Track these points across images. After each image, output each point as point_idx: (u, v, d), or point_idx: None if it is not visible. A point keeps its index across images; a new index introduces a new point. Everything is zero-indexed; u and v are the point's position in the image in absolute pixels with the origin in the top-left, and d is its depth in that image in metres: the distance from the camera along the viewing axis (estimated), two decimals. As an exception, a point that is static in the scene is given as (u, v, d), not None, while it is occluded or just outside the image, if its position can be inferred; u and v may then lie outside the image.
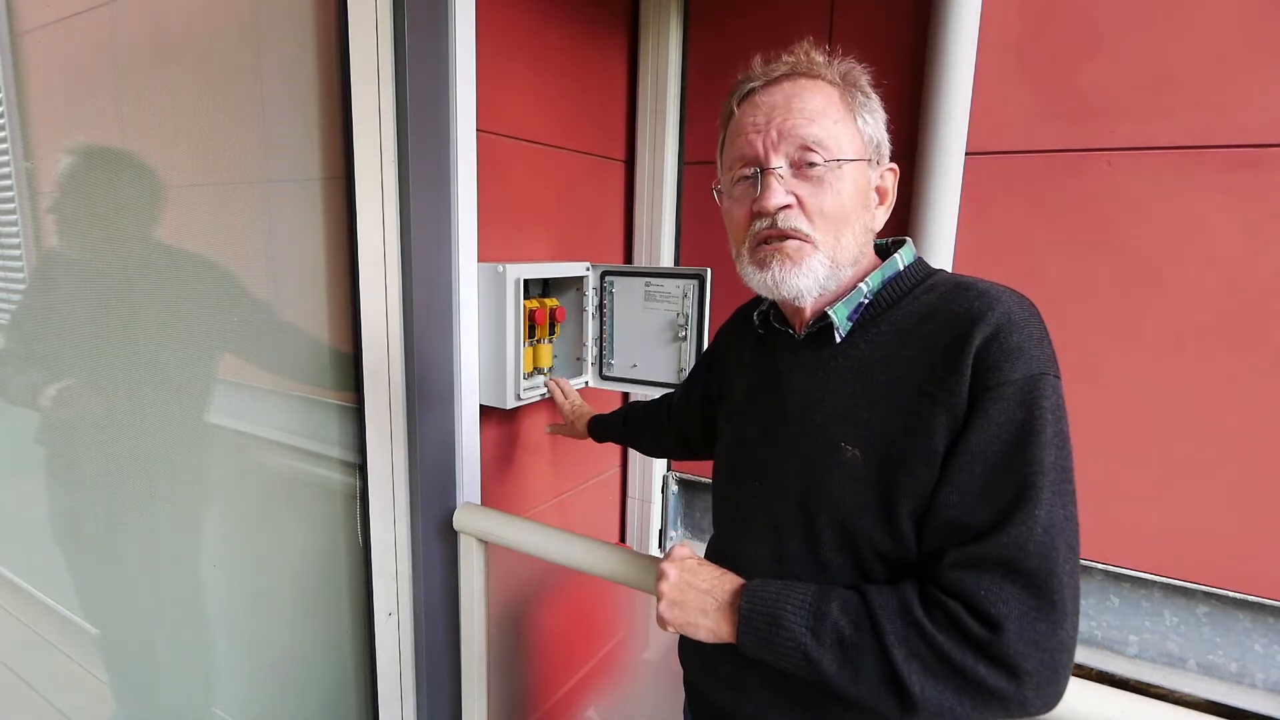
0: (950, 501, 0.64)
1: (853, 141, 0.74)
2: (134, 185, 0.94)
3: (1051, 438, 0.62)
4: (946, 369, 0.66)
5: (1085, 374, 1.44)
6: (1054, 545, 0.59)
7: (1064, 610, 0.59)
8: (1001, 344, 0.64)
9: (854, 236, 0.74)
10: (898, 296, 0.74)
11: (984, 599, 0.59)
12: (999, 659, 0.59)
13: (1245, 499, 1.34)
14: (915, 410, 0.67)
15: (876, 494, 0.68)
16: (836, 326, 0.75)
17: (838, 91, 0.74)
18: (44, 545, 0.94)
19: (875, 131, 0.76)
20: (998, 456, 0.62)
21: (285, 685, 1.26)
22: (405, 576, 1.35)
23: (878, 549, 0.69)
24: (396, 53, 1.17)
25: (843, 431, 0.71)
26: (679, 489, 2.07)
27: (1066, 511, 0.61)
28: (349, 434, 1.26)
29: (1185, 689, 1.41)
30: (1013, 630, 0.58)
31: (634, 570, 1.08)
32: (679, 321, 1.49)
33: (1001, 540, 0.60)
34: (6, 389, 0.88)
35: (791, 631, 0.67)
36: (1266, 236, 1.27)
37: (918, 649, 0.61)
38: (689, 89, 1.84)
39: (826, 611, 0.66)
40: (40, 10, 0.87)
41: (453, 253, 1.29)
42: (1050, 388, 0.64)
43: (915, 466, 0.66)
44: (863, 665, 0.63)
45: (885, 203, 0.79)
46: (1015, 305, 0.67)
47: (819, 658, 0.65)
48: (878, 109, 0.78)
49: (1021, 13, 1.41)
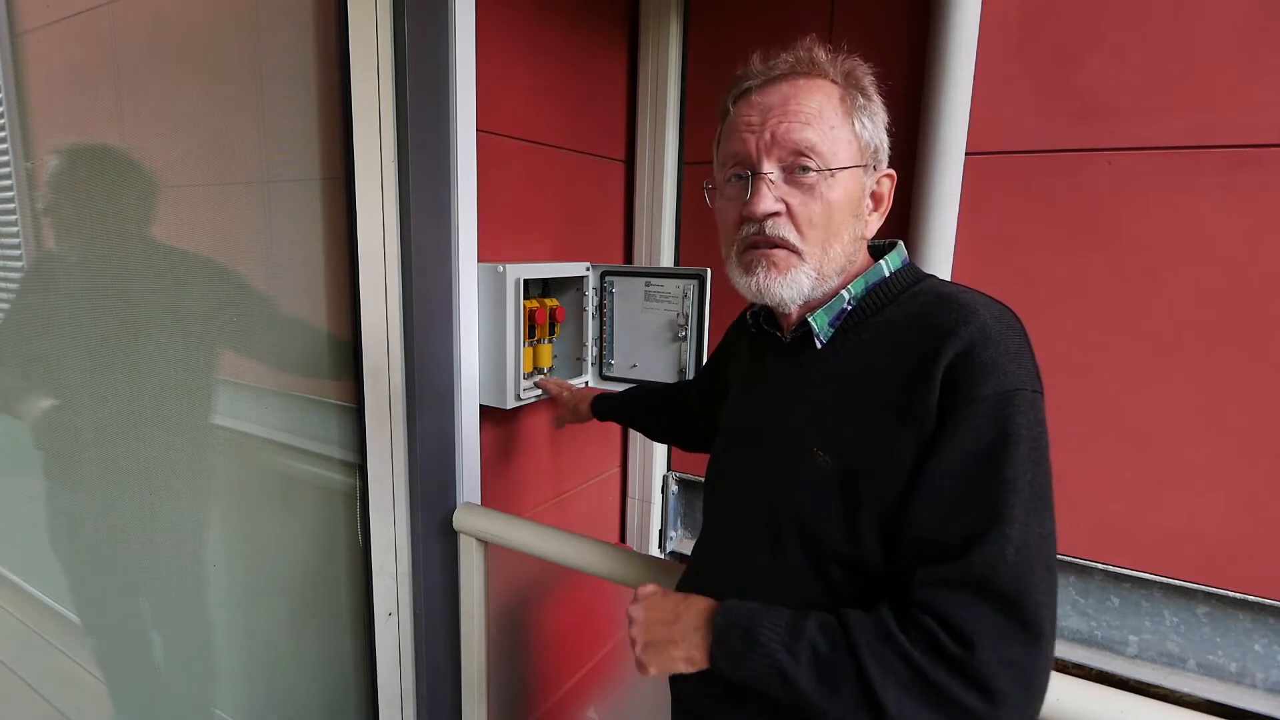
0: (921, 519, 0.63)
1: (849, 147, 0.72)
2: (133, 185, 0.94)
3: (1027, 455, 0.61)
4: (918, 381, 0.65)
5: (1085, 374, 1.44)
6: (1029, 565, 0.59)
7: (1038, 631, 0.58)
8: (974, 360, 0.63)
9: (842, 247, 0.73)
10: (881, 304, 0.74)
11: (959, 617, 0.59)
12: (973, 677, 0.57)
13: (1245, 499, 1.34)
14: (884, 420, 0.66)
15: (841, 500, 0.68)
16: (816, 333, 0.75)
17: (838, 92, 0.72)
18: (44, 545, 0.94)
19: (874, 136, 0.75)
20: (969, 474, 0.61)
21: (285, 685, 1.26)
22: (405, 577, 1.35)
23: (838, 553, 0.69)
24: (396, 53, 1.17)
25: (815, 436, 0.71)
26: (679, 489, 2.07)
27: (1043, 530, 0.60)
28: (349, 434, 1.26)
29: (1185, 689, 1.41)
30: (986, 648, 0.57)
31: (634, 570, 1.08)
32: (679, 321, 1.49)
33: (973, 560, 0.59)
34: (7, 390, 0.88)
35: (768, 648, 0.65)
36: (1266, 236, 1.27)
37: (894, 666, 0.60)
38: (689, 89, 1.84)
39: (803, 629, 0.65)
40: (40, 10, 0.87)
41: (453, 253, 1.29)
42: (1026, 403, 0.62)
43: (880, 475, 0.66)
44: (839, 683, 0.62)
45: (880, 209, 0.78)
46: (992, 319, 0.65)
47: (796, 675, 0.63)
48: (879, 112, 0.76)
49: (1021, 12, 1.41)
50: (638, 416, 1.32)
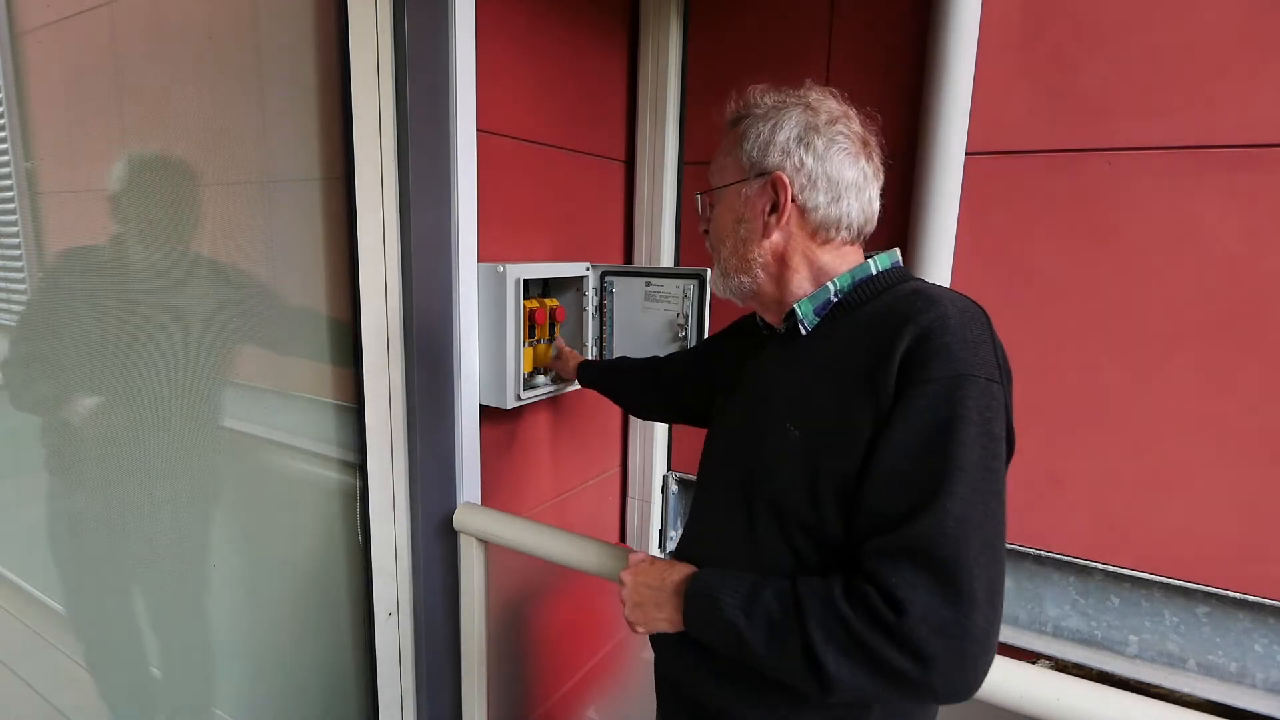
0: (871, 491, 0.68)
1: (735, 169, 0.84)
2: (133, 185, 0.94)
3: (975, 437, 0.64)
4: (879, 361, 0.70)
5: (1085, 374, 1.44)
6: (965, 537, 0.62)
7: (972, 600, 0.61)
8: (930, 343, 0.67)
9: (730, 250, 0.85)
10: (865, 298, 0.79)
11: (893, 584, 0.62)
12: (904, 641, 0.61)
13: (1245, 499, 1.34)
14: (847, 397, 0.72)
15: (805, 472, 0.73)
16: (801, 319, 0.81)
17: (738, 130, 0.83)
18: (44, 545, 0.94)
19: (757, 147, 0.80)
20: (916, 449, 0.66)
21: (285, 685, 1.26)
22: (405, 576, 1.35)
23: (803, 523, 0.74)
24: (396, 53, 1.17)
25: (789, 414, 0.77)
26: (679, 489, 2.07)
27: (986, 509, 0.64)
28: (349, 434, 1.26)
29: (1185, 689, 1.41)
30: (916, 615, 0.61)
31: (634, 570, 1.08)
32: (679, 321, 1.49)
33: (913, 529, 0.63)
34: (7, 390, 0.88)
35: (726, 611, 0.72)
36: (1266, 236, 1.27)
37: (834, 631, 0.65)
38: (689, 89, 1.84)
39: (759, 595, 0.71)
40: (40, 10, 0.87)
41: (453, 253, 1.29)
42: (977, 389, 0.66)
43: (838, 448, 0.71)
44: (787, 646, 0.67)
45: (780, 210, 0.79)
46: (954, 310, 0.70)
47: (751, 637, 0.70)
48: (777, 116, 0.80)
49: (1021, 13, 1.41)
50: (613, 388, 1.36)
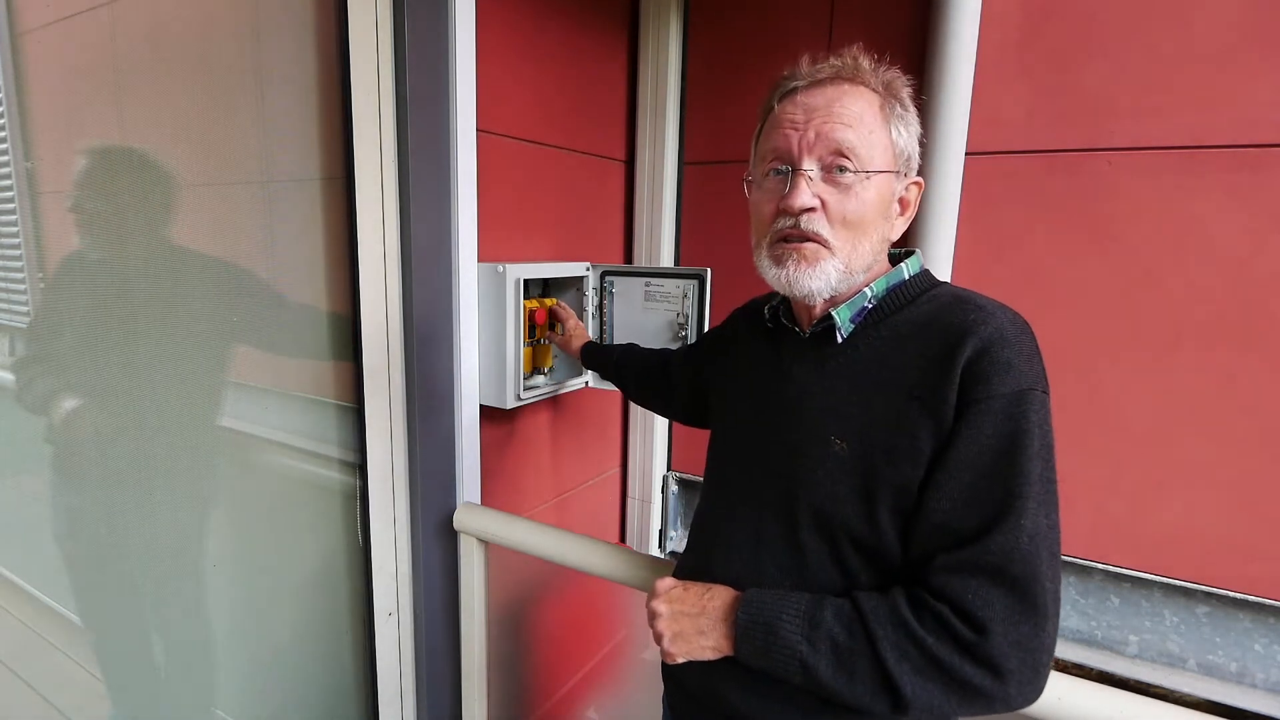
0: (940, 508, 0.67)
1: (885, 152, 0.75)
2: (133, 185, 0.94)
3: (1038, 450, 0.65)
4: (937, 376, 0.69)
5: (1085, 373, 1.44)
6: (1037, 552, 0.63)
7: (1045, 613, 0.62)
8: (992, 358, 0.67)
9: (870, 245, 0.76)
10: (900, 304, 0.77)
11: (970, 602, 0.63)
12: (985, 659, 0.62)
13: (1245, 499, 1.34)
14: (903, 410, 0.70)
15: (858, 484, 0.71)
16: (839, 327, 0.78)
17: (878, 100, 0.76)
18: (44, 545, 0.94)
19: (907, 144, 0.78)
20: (987, 466, 0.65)
21: (285, 685, 1.26)
22: (405, 576, 1.35)
23: (854, 535, 0.72)
24: (396, 53, 1.17)
25: (833, 425, 0.75)
26: (679, 489, 2.07)
27: (1050, 520, 0.65)
28: (349, 434, 1.26)
29: (1185, 689, 1.41)
30: (998, 632, 0.61)
31: (634, 570, 1.08)
32: (679, 321, 1.49)
33: (989, 546, 0.63)
34: (8, 390, 0.88)
35: (788, 640, 0.69)
36: (1266, 236, 1.27)
37: (908, 651, 0.64)
38: (689, 89, 1.84)
39: (821, 619, 0.69)
40: (40, 10, 0.87)
41: (453, 253, 1.29)
42: (1038, 403, 0.66)
43: (898, 461, 0.69)
44: (857, 669, 0.66)
45: (906, 214, 0.81)
46: (1008, 322, 0.70)
47: (815, 664, 0.68)
48: (913, 122, 0.79)
49: (1021, 12, 1.41)
50: (618, 374, 1.35)
